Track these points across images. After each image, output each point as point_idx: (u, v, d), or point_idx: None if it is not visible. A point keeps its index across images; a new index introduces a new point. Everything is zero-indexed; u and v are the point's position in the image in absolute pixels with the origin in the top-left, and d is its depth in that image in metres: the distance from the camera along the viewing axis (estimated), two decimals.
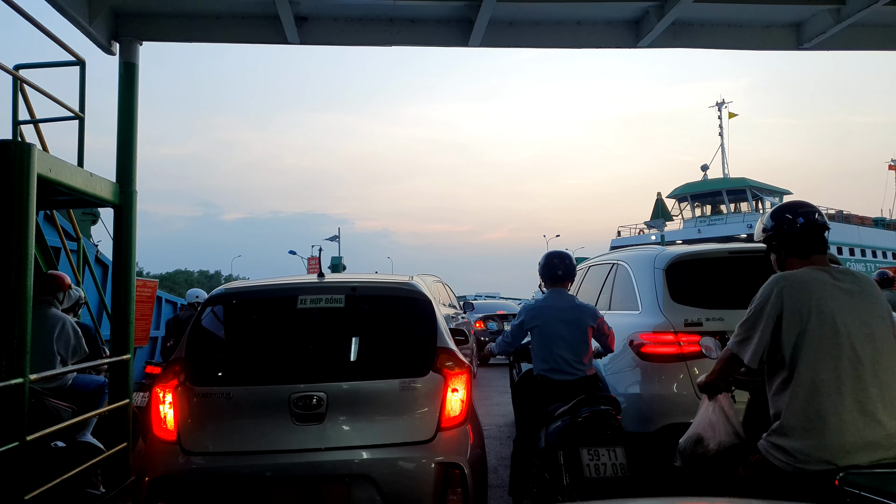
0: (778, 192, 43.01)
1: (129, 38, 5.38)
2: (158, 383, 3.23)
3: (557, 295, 4.11)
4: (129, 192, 5.27)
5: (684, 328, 4.21)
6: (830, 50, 5.86)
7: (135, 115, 5.39)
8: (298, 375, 3.21)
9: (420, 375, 3.24)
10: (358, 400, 3.15)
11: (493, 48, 5.77)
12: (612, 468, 3.24)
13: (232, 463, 3.03)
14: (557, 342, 3.89)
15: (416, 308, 3.54)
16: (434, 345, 3.37)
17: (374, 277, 3.98)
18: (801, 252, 2.47)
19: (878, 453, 2.15)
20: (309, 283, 3.57)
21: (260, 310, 3.58)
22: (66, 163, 4.33)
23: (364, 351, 3.42)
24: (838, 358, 2.23)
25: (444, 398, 3.21)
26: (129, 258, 5.28)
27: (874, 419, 2.17)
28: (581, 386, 3.83)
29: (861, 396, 2.19)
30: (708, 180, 43.83)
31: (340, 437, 3.08)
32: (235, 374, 3.31)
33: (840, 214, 41.04)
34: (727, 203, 42.49)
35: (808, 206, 2.52)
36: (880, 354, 2.25)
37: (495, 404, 9.13)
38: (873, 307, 2.32)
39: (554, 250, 4.29)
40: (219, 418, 3.13)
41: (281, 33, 5.46)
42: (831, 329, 2.25)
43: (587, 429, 3.30)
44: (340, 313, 3.43)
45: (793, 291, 2.32)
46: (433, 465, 3.06)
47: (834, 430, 2.16)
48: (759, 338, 2.34)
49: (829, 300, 2.29)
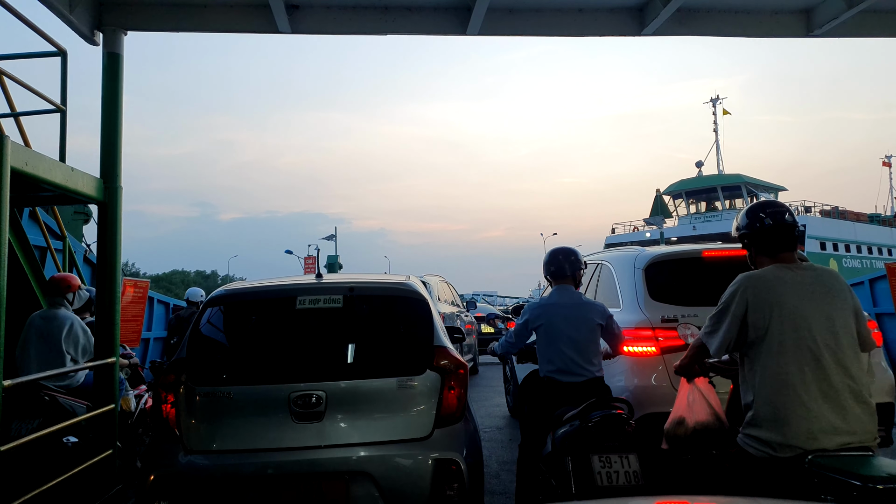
0: (773, 189, 42.93)
1: (113, 28, 5.16)
2: (160, 383, 3.30)
3: (563, 292, 3.94)
4: (114, 188, 5.05)
5: (661, 324, 4.45)
6: (841, 37, 5.66)
7: (119, 108, 5.16)
8: (298, 374, 3.25)
9: (417, 374, 3.29)
10: (356, 398, 3.21)
11: (491, 36, 5.57)
12: (626, 476, 3.07)
13: (233, 461, 3.07)
14: (564, 341, 3.72)
15: (413, 307, 3.58)
16: (431, 343, 3.42)
17: (371, 277, 3.99)
18: (770, 250, 2.62)
19: (844, 438, 2.29)
20: (307, 284, 3.60)
21: (259, 310, 3.61)
22: (43, 156, 4.10)
23: (362, 350, 3.47)
24: (800, 350, 2.38)
25: (440, 396, 3.28)
26: (115, 257, 5.05)
27: (839, 406, 2.32)
28: (590, 387, 3.66)
29: (824, 386, 2.34)
30: (703, 177, 43.71)
31: (339, 434, 3.14)
32: (236, 374, 3.34)
33: (836, 211, 40.99)
34: (722, 200, 42.41)
35: (778, 206, 2.67)
36: (841, 345, 2.39)
37: (496, 405, 8.93)
38: (834, 301, 2.46)
39: (559, 246, 4.13)
40: (220, 417, 3.18)
41: (271, 22, 5.24)
42: (792, 323, 2.41)
43: (598, 434, 3.13)
44: (338, 313, 3.46)
45: (756, 290, 2.49)
46: (430, 462, 3.12)
47: (801, 419, 2.31)
48: (725, 332, 2.53)
49: (791, 297, 2.44)
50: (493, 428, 7.35)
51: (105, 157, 5.08)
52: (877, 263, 40.39)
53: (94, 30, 5.12)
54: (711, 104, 46.00)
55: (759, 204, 2.72)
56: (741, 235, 2.75)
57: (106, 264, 5.03)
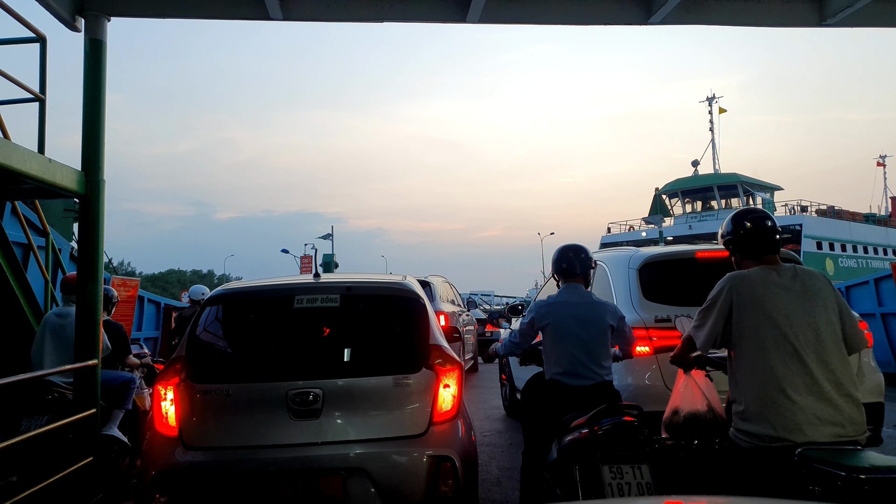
0: (769, 188, 42.84)
1: (95, 13, 4.90)
2: (160, 381, 3.32)
3: (573, 290, 3.75)
4: (97, 181, 4.80)
5: (655, 324, 4.51)
6: (854, 27, 5.45)
7: (102, 98, 4.91)
8: (295, 372, 3.28)
9: (413, 372, 3.33)
10: (353, 396, 3.25)
11: (492, 24, 5.34)
12: (638, 488, 2.89)
13: (232, 457, 3.11)
14: (572, 342, 3.53)
15: (409, 307, 3.61)
16: (427, 342, 3.46)
17: (368, 277, 3.99)
18: (754, 253, 2.78)
19: (833, 429, 2.39)
20: (305, 284, 3.63)
21: (258, 309, 3.67)
22: (17, 146, 3.86)
23: (359, 348, 3.51)
24: (783, 347, 2.49)
25: (435, 394, 3.32)
26: (96, 254, 4.80)
27: (823, 398, 2.43)
28: (598, 392, 3.48)
29: (808, 380, 2.45)
30: (699, 176, 43.55)
31: (336, 431, 3.18)
32: (235, 372, 3.38)
33: (832, 210, 40.90)
34: (718, 199, 42.26)
35: (759, 213, 2.85)
36: (822, 341, 2.51)
37: (495, 407, 8.71)
38: (815, 300, 2.58)
39: (568, 243, 3.95)
40: (219, 414, 3.22)
41: (262, 9, 5.00)
42: (773, 321, 2.53)
43: (609, 443, 2.94)
44: (336, 312, 3.51)
45: (741, 289, 2.63)
46: (425, 458, 3.16)
47: (787, 412, 2.42)
48: (710, 327, 2.67)
49: (772, 296, 2.57)
50: (493, 431, 7.11)
51: (87, 150, 4.82)
52: (872, 263, 40.30)
53: (76, 14, 4.87)
54: (707, 103, 45.88)
55: (741, 211, 2.90)
56: (726, 241, 2.91)
57: (88, 261, 4.78)
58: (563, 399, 3.47)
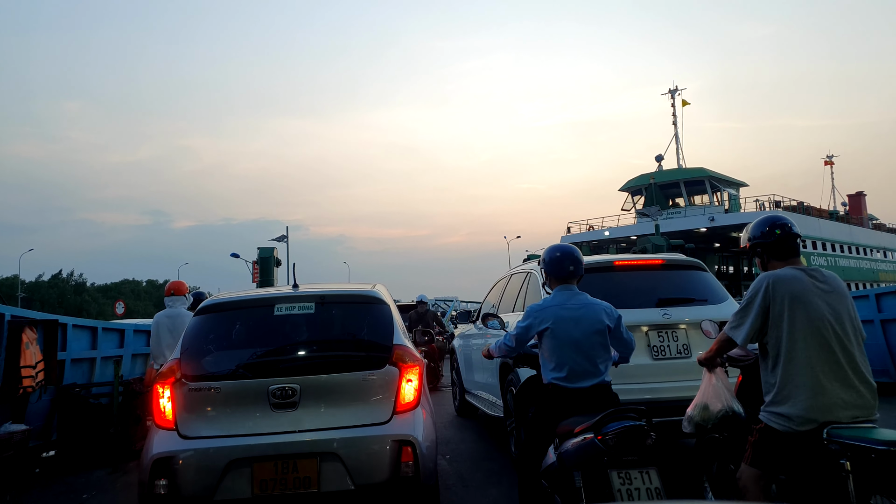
0: (736, 184, 41.29)
1: None
2: (158, 380, 3.77)
3: (567, 293, 3.70)
4: None
5: None
6: None
7: None
8: (276, 370, 3.77)
9: (378, 368, 3.81)
10: (326, 390, 3.74)
11: None
12: (647, 493, 2.86)
13: (221, 444, 3.55)
14: (570, 345, 3.50)
15: (376, 311, 4.12)
16: (391, 342, 3.93)
17: (341, 286, 4.55)
18: (781, 256, 3.08)
19: (853, 411, 2.74)
20: (284, 294, 4.10)
21: (243, 317, 4.16)
22: None
23: (331, 349, 4.11)
24: (814, 337, 2.81)
25: (399, 387, 3.79)
26: None
27: (847, 384, 2.77)
28: (597, 393, 3.45)
29: (834, 367, 2.78)
30: (664, 171, 41.84)
31: (311, 421, 3.65)
32: (223, 371, 3.84)
33: (801, 206, 39.71)
34: (685, 195, 40.52)
35: (784, 220, 3.13)
36: (847, 334, 2.84)
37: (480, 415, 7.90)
38: (840, 298, 2.92)
39: (557, 244, 3.92)
40: (210, 408, 3.69)
41: None
42: (807, 315, 2.84)
43: (617, 449, 2.89)
44: (311, 318, 4.04)
45: (778, 286, 2.91)
46: (389, 443, 3.62)
47: (817, 395, 2.75)
48: (750, 323, 2.94)
49: (806, 293, 2.88)
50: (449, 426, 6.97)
51: None
52: (839, 261, 39.07)
53: None
54: (670, 95, 43.97)
55: (768, 217, 3.16)
56: (753, 245, 3.17)
57: None
58: (562, 402, 3.44)
